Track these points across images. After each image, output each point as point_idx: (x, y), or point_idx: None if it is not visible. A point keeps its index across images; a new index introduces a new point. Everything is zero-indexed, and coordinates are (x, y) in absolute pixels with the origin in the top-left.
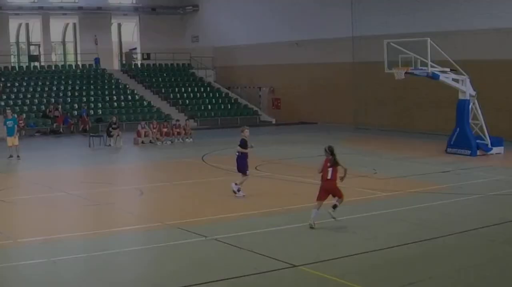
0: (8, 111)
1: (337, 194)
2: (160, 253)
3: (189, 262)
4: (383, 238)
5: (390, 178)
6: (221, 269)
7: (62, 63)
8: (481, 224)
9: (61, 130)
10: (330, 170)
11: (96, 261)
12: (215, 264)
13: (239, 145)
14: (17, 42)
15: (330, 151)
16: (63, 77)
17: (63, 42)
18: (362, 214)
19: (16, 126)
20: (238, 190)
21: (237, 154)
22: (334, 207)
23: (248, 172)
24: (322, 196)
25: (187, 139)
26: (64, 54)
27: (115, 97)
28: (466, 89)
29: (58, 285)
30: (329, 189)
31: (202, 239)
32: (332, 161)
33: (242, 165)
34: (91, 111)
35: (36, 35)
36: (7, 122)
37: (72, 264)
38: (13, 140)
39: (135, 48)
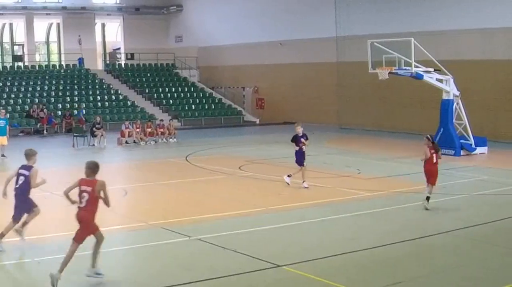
0: (2, 110)
1: (436, 178)
2: (144, 253)
3: (172, 262)
4: (367, 238)
5: (374, 178)
6: (204, 269)
7: (46, 63)
8: (465, 224)
9: (45, 130)
10: (434, 155)
11: (80, 261)
12: (199, 264)
13: (291, 141)
14: (1, 42)
15: (432, 139)
16: (47, 77)
17: (47, 42)
18: (346, 214)
19: (7, 126)
20: (303, 182)
21: (296, 148)
22: (428, 199)
23: (304, 164)
24: (434, 180)
25: (170, 139)
26: (48, 54)
27: (99, 97)
28: (450, 89)
29: (42, 285)
30: (435, 172)
31: (186, 239)
32: (435, 147)
33: (297, 158)
34: (75, 112)
35: (20, 35)
36: (0, 121)
37: (56, 265)
38: (2, 140)
39: (119, 48)
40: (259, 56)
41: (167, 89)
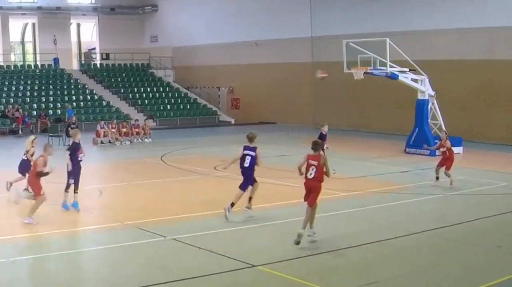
0: None
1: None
2: (119, 253)
3: (148, 262)
4: (343, 238)
5: (350, 178)
6: (180, 269)
7: (21, 63)
8: (441, 224)
9: (20, 130)
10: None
11: (55, 261)
12: (174, 264)
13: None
14: None
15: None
16: (22, 77)
17: (22, 42)
18: (321, 214)
19: None
20: None
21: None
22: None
23: None
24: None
25: (146, 140)
26: (23, 54)
27: (74, 97)
28: (425, 89)
29: (17, 285)
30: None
31: (161, 239)
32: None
33: None
34: (50, 112)
35: None
36: None
37: (31, 264)
38: None
39: (94, 48)
40: (235, 56)
41: (142, 89)
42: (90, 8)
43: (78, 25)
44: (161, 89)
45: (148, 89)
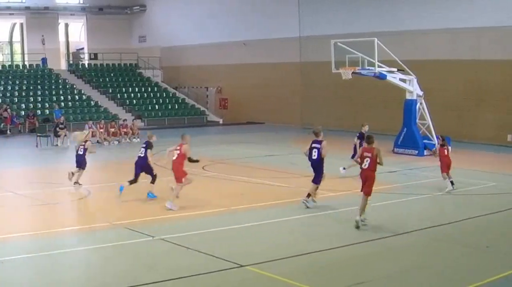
0: None
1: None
2: (108, 253)
3: (136, 262)
4: (330, 238)
5: (337, 178)
6: (168, 269)
7: (9, 63)
8: (428, 224)
9: (8, 130)
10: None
11: (44, 261)
12: (162, 264)
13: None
14: None
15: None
16: (10, 77)
17: (10, 42)
18: (309, 214)
19: None
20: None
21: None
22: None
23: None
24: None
25: (134, 139)
26: (11, 54)
27: (62, 97)
28: (413, 89)
29: (5, 285)
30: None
31: (149, 239)
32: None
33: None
34: (38, 112)
35: None
36: None
37: (20, 264)
38: None
39: (82, 48)
40: (223, 56)
41: (130, 89)
42: (78, 8)
43: (66, 25)
44: (149, 89)
45: (136, 89)
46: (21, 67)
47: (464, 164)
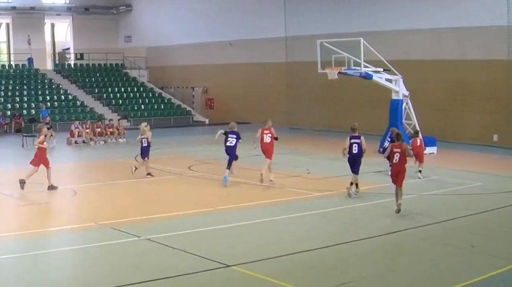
0: None
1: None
2: (93, 253)
3: (122, 262)
4: (316, 238)
5: (324, 178)
6: (154, 269)
7: None
8: (415, 224)
9: None
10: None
11: (30, 261)
12: (148, 264)
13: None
14: None
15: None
16: None
17: None
18: (295, 213)
19: None
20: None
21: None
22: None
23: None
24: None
25: (120, 140)
26: None
27: (48, 97)
28: (399, 89)
29: None
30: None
31: (135, 239)
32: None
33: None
34: (24, 112)
35: None
36: None
37: (6, 264)
38: None
39: (68, 48)
40: (209, 56)
41: (116, 89)
42: (64, 8)
43: (52, 25)
44: (135, 89)
45: (122, 89)
46: (7, 67)
47: (450, 164)
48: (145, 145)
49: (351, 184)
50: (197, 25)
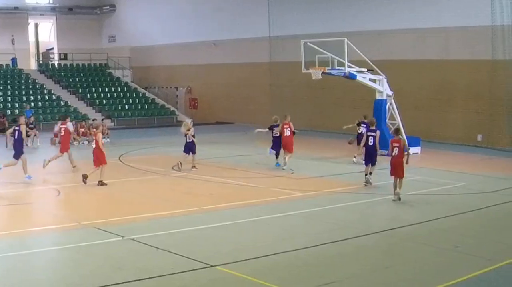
0: None
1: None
2: (77, 253)
3: (106, 262)
4: (299, 238)
5: (307, 178)
6: (138, 269)
7: None
8: (398, 224)
9: None
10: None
11: (13, 261)
12: (132, 264)
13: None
14: None
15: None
16: None
17: None
18: (279, 214)
19: None
20: None
21: None
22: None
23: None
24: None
25: (104, 139)
26: None
27: (32, 97)
28: (383, 89)
29: None
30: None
31: (119, 239)
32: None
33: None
34: (8, 112)
35: None
36: None
37: None
38: None
39: (52, 48)
40: (193, 56)
41: (100, 89)
42: (48, 8)
43: (36, 25)
44: (119, 89)
45: (106, 89)
46: None
47: (434, 164)
48: (189, 140)
49: (368, 174)
50: (181, 25)
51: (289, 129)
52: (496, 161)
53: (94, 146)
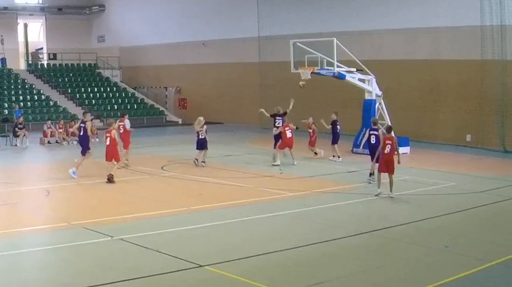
0: None
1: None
2: (66, 253)
3: (95, 262)
4: (289, 238)
5: (296, 178)
6: (127, 269)
7: None
8: (387, 224)
9: None
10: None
11: (2, 261)
12: (121, 264)
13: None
14: None
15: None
16: None
17: None
18: (268, 214)
19: None
20: None
21: None
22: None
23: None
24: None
25: (93, 140)
26: None
27: (21, 97)
28: (372, 89)
29: None
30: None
31: (108, 239)
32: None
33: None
34: None
35: None
36: None
37: None
38: None
39: (41, 48)
40: (182, 56)
41: (89, 89)
42: (37, 8)
43: (26, 25)
44: (108, 89)
45: (95, 89)
46: None
47: (423, 164)
48: (201, 137)
49: (371, 175)
50: (170, 25)
51: (290, 130)
52: (485, 161)
53: (108, 143)
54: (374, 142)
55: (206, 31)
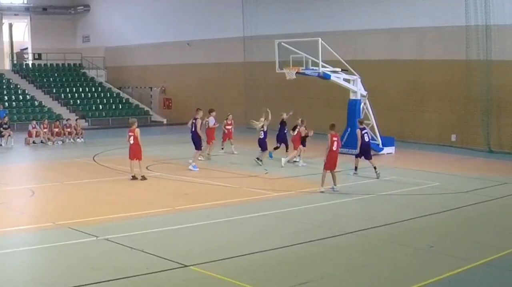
0: None
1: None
2: (51, 253)
3: (79, 262)
4: (274, 238)
5: (281, 178)
6: (112, 269)
7: None
8: (372, 224)
9: None
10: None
11: None
12: (106, 264)
13: None
14: None
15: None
16: None
17: None
18: (253, 214)
19: None
20: None
21: None
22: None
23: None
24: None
25: (78, 140)
26: None
27: (6, 97)
28: (357, 89)
29: None
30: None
31: (93, 239)
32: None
33: None
34: None
35: None
36: None
37: None
38: None
39: (26, 48)
40: (167, 56)
41: (74, 89)
42: (22, 8)
43: (10, 25)
44: (93, 89)
45: (80, 89)
46: None
47: (408, 164)
48: (261, 136)
49: (375, 168)
50: (155, 25)
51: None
52: (470, 161)
53: (132, 141)
54: (367, 140)
55: (191, 31)
